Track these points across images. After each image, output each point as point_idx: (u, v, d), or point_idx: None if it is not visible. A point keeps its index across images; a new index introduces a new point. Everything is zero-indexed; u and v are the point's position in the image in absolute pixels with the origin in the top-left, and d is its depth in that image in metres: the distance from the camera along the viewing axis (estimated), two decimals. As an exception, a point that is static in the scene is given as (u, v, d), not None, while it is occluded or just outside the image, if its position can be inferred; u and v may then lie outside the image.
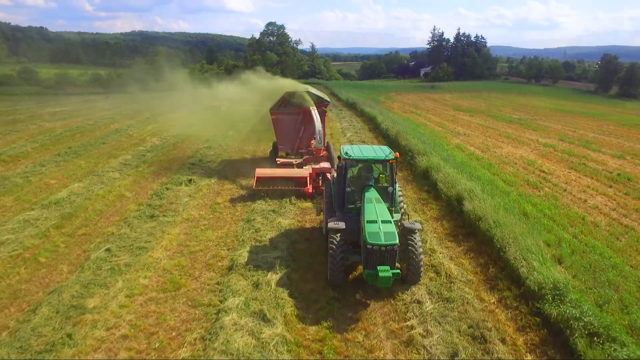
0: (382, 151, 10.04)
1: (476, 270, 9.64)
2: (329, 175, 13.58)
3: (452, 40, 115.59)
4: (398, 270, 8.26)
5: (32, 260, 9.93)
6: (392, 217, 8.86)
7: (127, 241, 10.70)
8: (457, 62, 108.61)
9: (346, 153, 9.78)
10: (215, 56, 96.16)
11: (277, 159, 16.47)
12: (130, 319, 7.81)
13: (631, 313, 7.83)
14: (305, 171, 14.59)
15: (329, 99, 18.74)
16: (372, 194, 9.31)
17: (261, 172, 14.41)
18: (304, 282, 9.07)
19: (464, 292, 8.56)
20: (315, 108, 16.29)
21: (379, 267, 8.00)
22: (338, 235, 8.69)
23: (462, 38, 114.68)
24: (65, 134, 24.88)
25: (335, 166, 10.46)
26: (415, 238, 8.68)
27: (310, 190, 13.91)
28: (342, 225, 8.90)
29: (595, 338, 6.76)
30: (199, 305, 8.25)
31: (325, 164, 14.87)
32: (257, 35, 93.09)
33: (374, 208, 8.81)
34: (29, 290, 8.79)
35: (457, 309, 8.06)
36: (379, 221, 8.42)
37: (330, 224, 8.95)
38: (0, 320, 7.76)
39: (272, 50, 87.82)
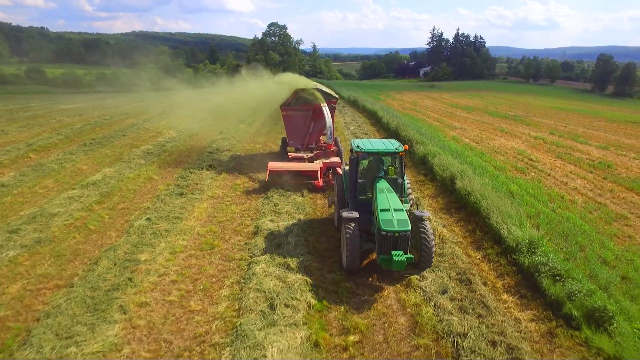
0: (392, 144, 10.46)
1: (465, 234, 11.29)
2: (338, 169, 14.22)
3: (451, 40, 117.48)
4: (411, 255, 8.64)
5: (83, 227, 11.53)
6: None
7: (163, 213, 12.31)
8: (457, 62, 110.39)
9: (357, 146, 10.23)
10: (217, 56, 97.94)
11: (288, 154, 17.07)
12: (176, 269, 9.42)
13: (592, 265, 9.43)
14: (316, 165, 15.16)
15: (337, 96, 19.23)
16: (383, 185, 9.78)
17: (274, 165, 15.06)
18: (318, 243, 10.70)
19: (454, 250, 10.17)
20: (326, 104, 16.61)
21: (393, 252, 8.46)
22: (352, 223, 9.15)
23: (461, 38, 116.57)
24: (85, 128, 26.48)
25: (348, 160, 10.88)
26: (426, 225, 9.21)
27: (321, 184, 14.53)
28: (355, 214, 9.35)
29: (557, 277, 8.38)
30: (232, 259, 9.87)
31: (335, 159, 15.56)
32: (259, 36, 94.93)
33: (386, 197, 9.28)
34: (86, 249, 10.39)
35: (448, 261, 9.67)
36: (391, 209, 8.88)
37: (345, 214, 9.37)
38: (70, 270, 9.37)
39: (274, 50, 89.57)
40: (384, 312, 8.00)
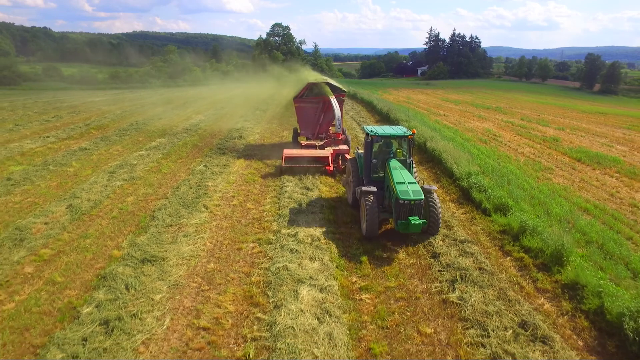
0: (401, 129, 11.72)
1: (430, 175, 16.00)
2: (347, 156, 15.91)
3: (447, 40, 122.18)
4: (425, 220, 9.99)
5: (158, 171, 16.19)
6: None
7: (213, 163, 17.00)
8: (453, 61, 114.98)
9: (371, 130, 11.47)
10: (221, 55, 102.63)
11: (301, 142, 18.55)
12: (232, 190, 14.08)
13: (512, 189, 14.01)
14: (327, 152, 16.51)
15: (346, 90, 20.69)
16: (395, 164, 11.07)
17: (288, 152, 16.50)
18: (327, 179, 15.38)
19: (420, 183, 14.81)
20: (334, 97, 17.84)
21: (410, 217, 9.69)
22: (372, 196, 10.40)
23: (457, 38, 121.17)
24: (124, 114, 31.13)
25: (363, 143, 12.12)
26: (434, 197, 10.51)
27: (331, 169, 15.96)
28: (374, 188, 10.63)
29: (482, 191, 13.03)
30: (269, 186, 14.55)
31: (344, 146, 17.07)
32: (261, 35, 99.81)
33: (400, 173, 10.61)
34: (167, 182, 15.04)
35: (415, 187, 14.31)
36: (406, 182, 10.22)
37: (364, 188, 10.65)
38: (162, 191, 14.01)
39: (277, 50, 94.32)
40: (370, 209, 12.64)
